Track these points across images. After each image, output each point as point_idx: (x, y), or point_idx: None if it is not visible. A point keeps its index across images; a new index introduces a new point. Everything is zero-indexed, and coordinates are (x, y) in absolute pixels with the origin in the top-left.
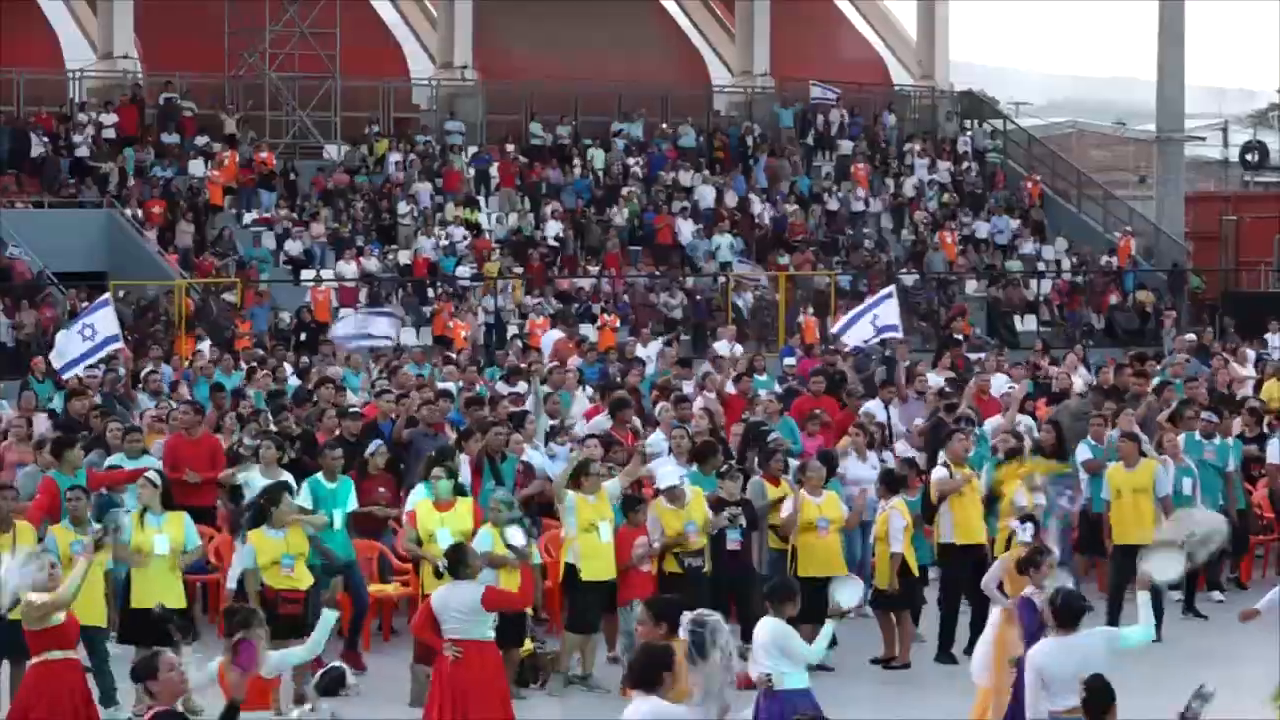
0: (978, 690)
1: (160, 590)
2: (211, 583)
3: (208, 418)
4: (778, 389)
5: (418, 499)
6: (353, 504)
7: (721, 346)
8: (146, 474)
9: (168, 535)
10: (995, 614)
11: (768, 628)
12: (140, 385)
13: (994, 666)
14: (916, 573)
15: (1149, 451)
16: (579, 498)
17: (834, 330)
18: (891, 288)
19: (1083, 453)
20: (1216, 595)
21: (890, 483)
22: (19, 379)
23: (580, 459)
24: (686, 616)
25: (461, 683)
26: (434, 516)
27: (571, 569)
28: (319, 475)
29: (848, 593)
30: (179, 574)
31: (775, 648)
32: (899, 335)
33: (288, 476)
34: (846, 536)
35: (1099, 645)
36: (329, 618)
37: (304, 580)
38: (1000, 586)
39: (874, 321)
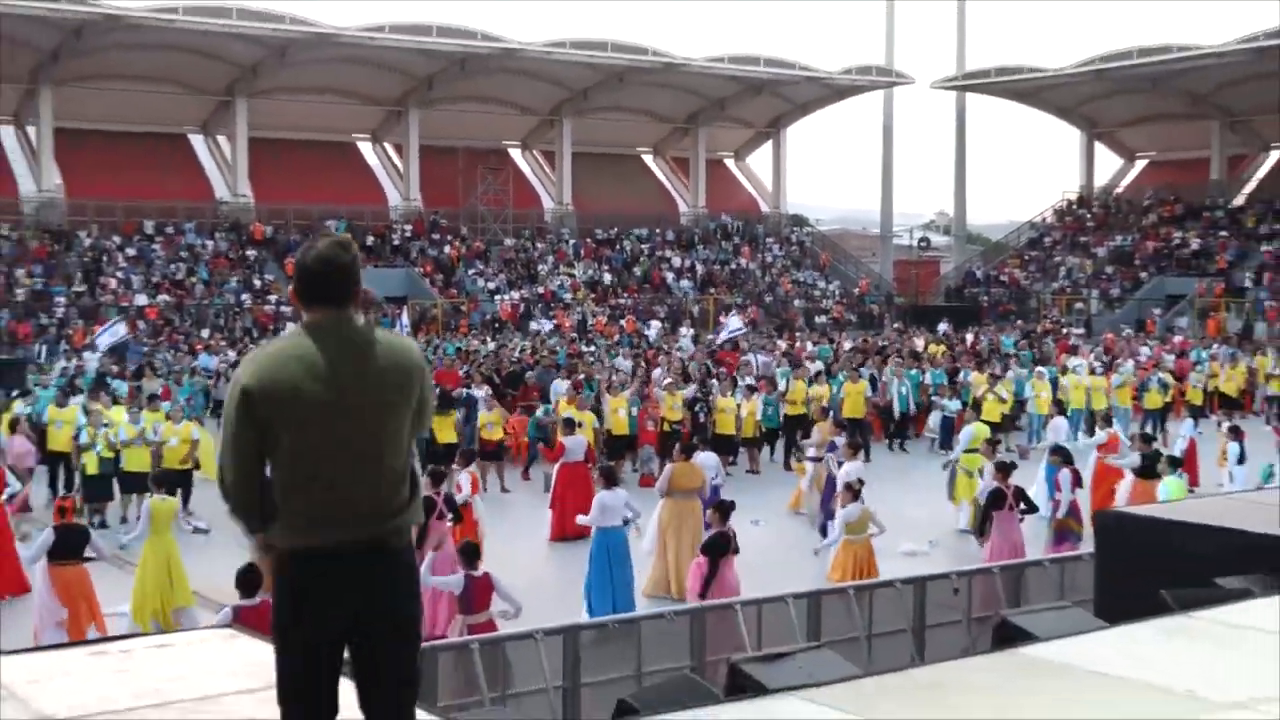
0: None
1: None
2: None
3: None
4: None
5: (558, 396)
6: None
7: (683, 329)
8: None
9: None
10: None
11: (714, 459)
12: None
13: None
14: (764, 430)
15: (864, 376)
16: (611, 398)
17: (713, 337)
18: (725, 317)
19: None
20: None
21: (751, 389)
22: None
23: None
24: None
25: (575, 480)
26: (566, 408)
27: (608, 432)
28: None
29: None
30: None
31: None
32: (744, 331)
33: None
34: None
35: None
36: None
37: (499, 434)
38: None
39: (726, 332)
